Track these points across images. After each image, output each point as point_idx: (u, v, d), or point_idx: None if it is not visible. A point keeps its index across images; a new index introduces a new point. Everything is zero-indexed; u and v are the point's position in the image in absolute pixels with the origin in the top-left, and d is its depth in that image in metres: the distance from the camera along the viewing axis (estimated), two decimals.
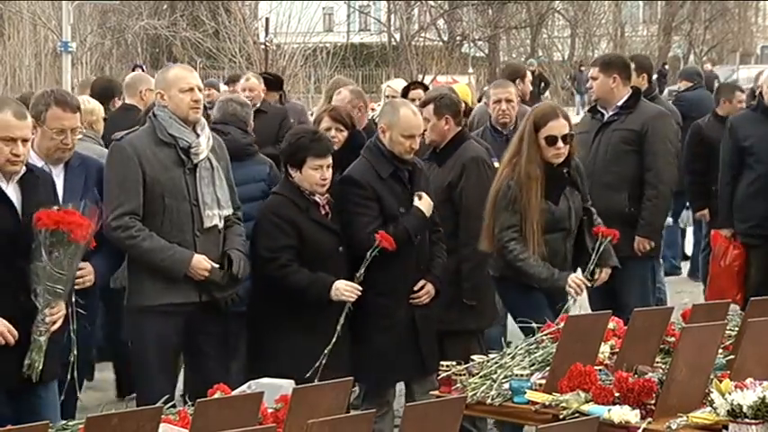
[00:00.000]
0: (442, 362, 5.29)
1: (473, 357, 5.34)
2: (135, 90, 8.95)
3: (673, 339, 5.31)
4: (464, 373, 5.15)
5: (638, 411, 4.62)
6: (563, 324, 5.31)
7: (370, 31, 45.49)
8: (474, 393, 4.98)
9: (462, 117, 7.18)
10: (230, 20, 31.44)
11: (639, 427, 4.55)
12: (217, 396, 4.51)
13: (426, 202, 6.60)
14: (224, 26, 31.33)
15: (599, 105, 7.93)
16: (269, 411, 4.45)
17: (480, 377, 5.12)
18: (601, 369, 5.05)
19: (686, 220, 11.79)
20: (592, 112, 8.02)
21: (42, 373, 5.30)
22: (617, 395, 4.73)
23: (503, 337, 7.45)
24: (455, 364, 5.20)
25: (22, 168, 5.30)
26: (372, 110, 8.90)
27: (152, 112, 6.34)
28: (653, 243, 7.75)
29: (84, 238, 5.31)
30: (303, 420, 3.86)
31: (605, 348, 5.27)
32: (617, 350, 5.24)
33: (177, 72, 6.36)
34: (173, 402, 4.80)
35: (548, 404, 4.82)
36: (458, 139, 7.06)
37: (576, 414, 4.65)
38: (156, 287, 6.16)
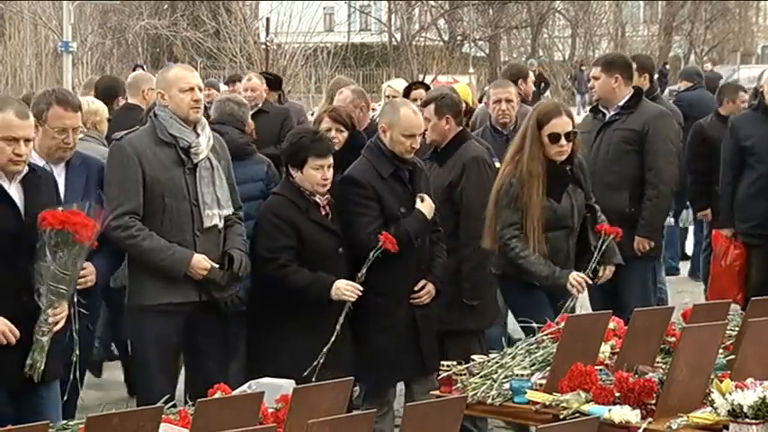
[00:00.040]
0: (442, 362, 5.29)
1: (473, 357, 5.33)
2: (137, 89, 8.95)
3: (673, 339, 5.31)
4: (464, 373, 5.15)
5: (638, 411, 4.61)
6: (563, 324, 5.30)
7: (370, 30, 45.50)
8: (474, 393, 4.98)
9: (463, 117, 7.18)
10: (231, 20, 31.44)
11: (640, 427, 4.55)
12: (217, 396, 4.50)
13: (428, 205, 6.60)
14: (224, 26, 31.33)
15: (600, 105, 7.93)
16: (269, 411, 4.44)
17: (481, 377, 5.12)
18: (601, 369, 5.04)
19: (687, 220, 11.78)
20: (593, 111, 8.02)
21: (44, 373, 5.29)
22: (617, 395, 4.73)
23: (503, 337, 7.45)
24: (455, 363, 5.20)
25: (25, 168, 5.28)
26: (373, 110, 8.89)
27: (153, 111, 6.35)
28: (653, 243, 7.75)
29: (89, 239, 5.31)
30: (303, 420, 3.86)
31: (606, 348, 5.27)
32: (617, 350, 5.24)
33: (177, 72, 6.36)
34: (173, 402, 4.79)
35: (548, 404, 4.81)
36: (458, 139, 7.05)
37: (577, 414, 4.65)
38: (156, 287, 6.16)
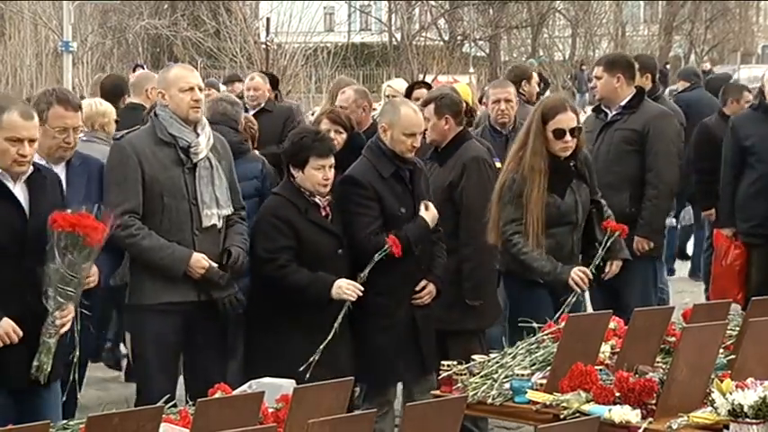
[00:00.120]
0: (442, 361, 5.29)
1: (474, 357, 5.34)
2: (141, 89, 8.96)
3: (673, 339, 5.30)
4: (465, 373, 5.15)
5: (638, 411, 4.61)
6: (564, 324, 5.31)
7: (371, 30, 45.46)
8: (475, 393, 4.98)
9: (464, 117, 7.17)
10: (231, 19, 31.40)
11: (640, 427, 4.55)
12: (218, 396, 4.50)
13: (431, 213, 6.59)
14: (225, 26, 31.30)
15: (603, 105, 7.92)
16: (269, 411, 4.44)
17: (481, 377, 5.12)
18: (601, 369, 5.04)
19: (687, 218, 11.76)
20: (596, 111, 8.01)
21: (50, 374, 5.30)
22: (618, 395, 4.73)
23: (504, 337, 7.45)
24: (456, 363, 5.20)
25: (30, 168, 5.28)
26: (373, 109, 8.89)
27: (153, 111, 6.35)
28: (652, 243, 7.74)
29: (99, 242, 5.30)
30: (304, 420, 3.86)
31: (606, 348, 5.27)
32: (618, 350, 5.24)
33: (177, 72, 6.37)
34: (174, 402, 4.79)
35: (548, 404, 4.81)
36: (459, 139, 7.05)
37: (577, 414, 4.65)
38: (156, 286, 6.17)
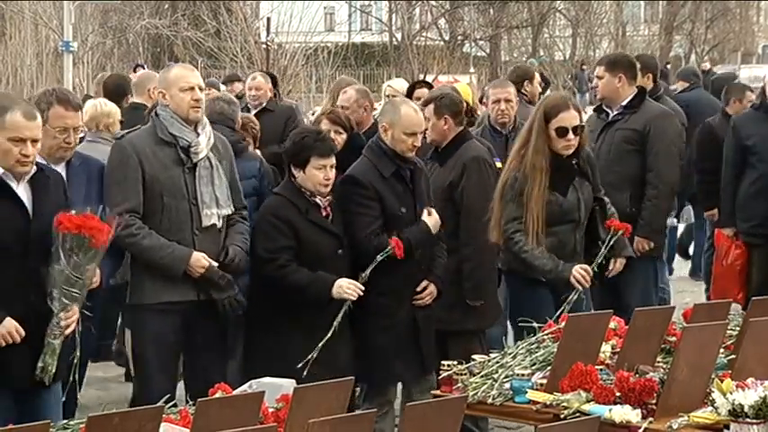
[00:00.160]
0: (443, 361, 5.29)
1: (474, 357, 5.34)
2: (143, 89, 8.97)
3: (674, 339, 5.30)
4: (465, 373, 5.15)
5: (639, 411, 4.61)
6: (564, 324, 5.31)
7: (371, 30, 45.43)
8: (475, 393, 4.98)
9: (464, 117, 7.17)
10: (231, 19, 31.37)
11: (640, 427, 4.55)
12: (218, 395, 4.50)
13: (434, 219, 6.58)
14: (225, 26, 31.27)
15: (604, 105, 7.91)
16: (270, 411, 4.44)
17: (481, 377, 5.12)
18: (602, 369, 5.04)
19: (686, 218, 11.75)
20: (597, 111, 8.00)
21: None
22: (618, 395, 4.73)
23: (504, 337, 7.45)
24: (456, 363, 5.20)
25: (33, 168, 5.28)
26: (373, 109, 8.89)
27: (154, 111, 6.36)
28: (652, 243, 7.74)
29: (104, 244, 5.31)
30: (304, 420, 3.86)
31: (606, 348, 5.27)
32: (618, 350, 5.24)
33: (178, 71, 6.38)
34: (174, 402, 4.79)
35: (549, 404, 4.81)
36: (459, 139, 7.05)
37: (577, 414, 4.65)
38: (155, 286, 6.18)
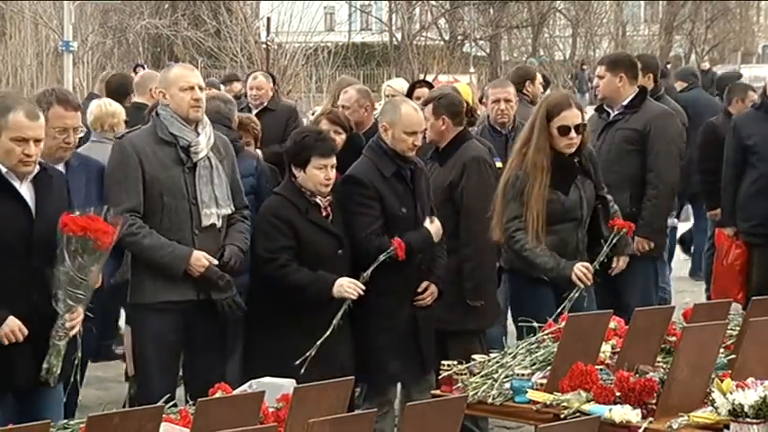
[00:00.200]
0: (443, 361, 5.29)
1: (474, 357, 5.34)
2: (145, 88, 8.98)
3: (674, 339, 5.30)
4: (465, 373, 5.15)
5: (639, 411, 4.61)
6: (564, 323, 5.31)
7: (371, 30, 45.40)
8: (475, 393, 4.98)
9: (463, 117, 7.16)
10: (231, 19, 31.36)
11: (641, 427, 4.55)
12: (218, 395, 4.50)
13: (435, 227, 6.58)
14: (225, 25, 31.26)
15: (605, 104, 7.90)
16: (270, 411, 4.44)
17: (481, 376, 5.12)
18: (602, 368, 5.04)
19: (684, 217, 11.75)
20: (598, 111, 7.98)
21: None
22: (618, 395, 4.73)
23: (504, 337, 7.44)
24: (456, 363, 5.20)
25: (36, 168, 5.29)
26: (374, 109, 8.89)
27: (155, 110, 6.37)
28: (652, 243, 7.73)
29: (109, 245, 5.31)
30: (304, 420, 3.86)
31: (606, 348, 5.27)
32: (618, 350, 5.24)
33: (178, 71, 6.39)
34: (174, 402, 4.79)
35: (549, 403, 4.81)
36: (459, 139, 7.05)
37: (577, 413, 4.65)
38: (155, 285, 6.19)
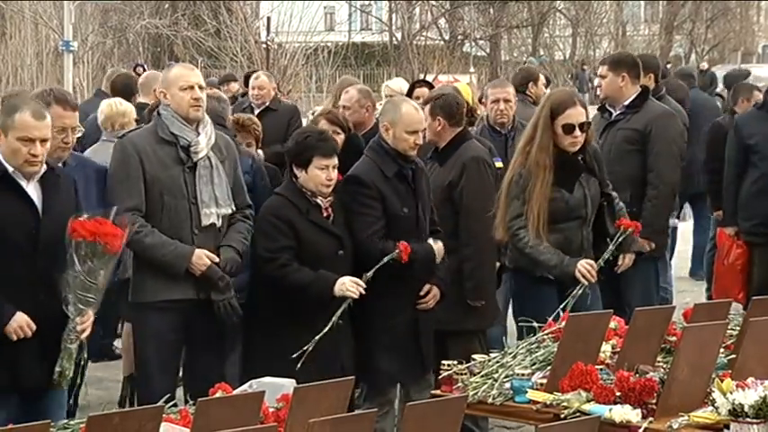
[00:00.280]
0: (443, 361, 5.28)
1: (474, 357, 5.34)
2: (149, 89, 8.99)
3: (674, 339, 5.31)
4: (465, 373, 5.15)
5: (639, 411, 4.61)
6: (564, 323, 5.31)
7: (371, 30, 45.41)
8: (475, 393, 4.98)
9: (462, 118, 7.14)
10: (231, 19, 31.38)
11: (641, 427, 4.55)
12: (218, 395, 4.50)
13: (439, 248, 6.58)
14: (225, 25, 31.28)
15: (607, 104, 7.90)
16: (270, 411, 4.44)
17: (481, 376, 5.12)
18: (602, 368, 5.04)
19: (685, 215, 11.75)
20: (601, 110, 7.97)
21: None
22: (618, 394, 4.73)
23: (504, 337, 7.44)
24: (456, 363, 5.20)
25: (42, 168, 5.31)
26: (375, 110, 8.90)
27: (157, 110, 6.38)
28: (653, 244, 7.73)
29: (119, 249, 5.33)
30: (304, 420, 3.86)
31: (606, 348, 5.27)
32: (618, 349, 5.24)
33: (177, 71, 6.40)
34: (174, 401, 4.79)
35: (549, 403, 4.81)
36: (459, 139, 7.04)
37: (578, 413, 4.65)
38: (156, 284, 6.19)
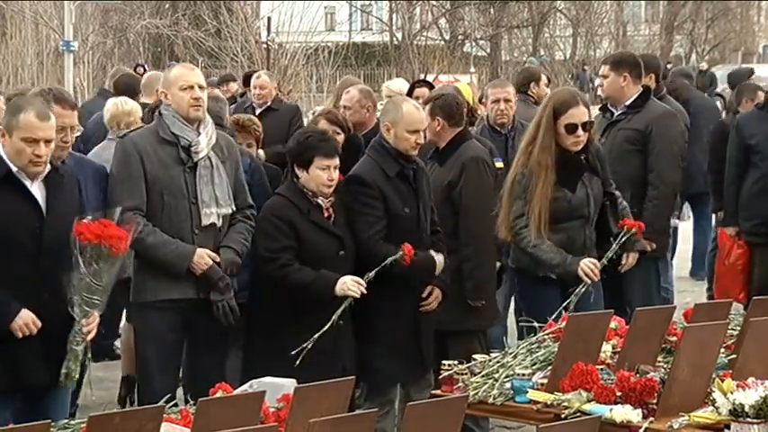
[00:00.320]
0: (443, 361, 5.29)
1: (475, 357, 5.34)
2: (152, 89, 8.99)
3: (674, 339, 5.31)
4: (466, 373, 5.15)
5: (639, 411, 4.61)
6: (565, 323, 5.31)
7: (371, 30, 45.42)
8: (476, 393, 4.98)
9: (461, 118, 7.14)
10: (232, 19, 31.37)
11: (641, 427, 4.55)
12: (219, 395, 4.50)
13: (440, 261, 6.59)
14: (226, 25, 31.26)
15: (609, 104, 7.90)
16: (270, 410, 4.44)
17: (482, 376, 5.12)
18: (602, 368, 5.04)
19: (684, 215, 11.74)
20: (603, 110, 7.96)
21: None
22: (619, 394, 4.73)
23: (504, 337, 7.44)
24: (457, 363, 5.20)
25: (47, 168, 5.32)
26: (376, 110, 8.91)
27: (158, 110, 6.38)
28: (654, 244, 7.72)
29: (124, 251, 5.34)
30: (305, 420, 3.86)
31: (607, 348, 5.27)
32: (619, 349, 5.24)
33: (178, 71, 6.41)
34: (175, 401, 4.79)
35: (549, 403, 4.81)
36: (459, 139, 7.05)
37: (578, 413, 4.65)
38: (157, 283, 6.20)
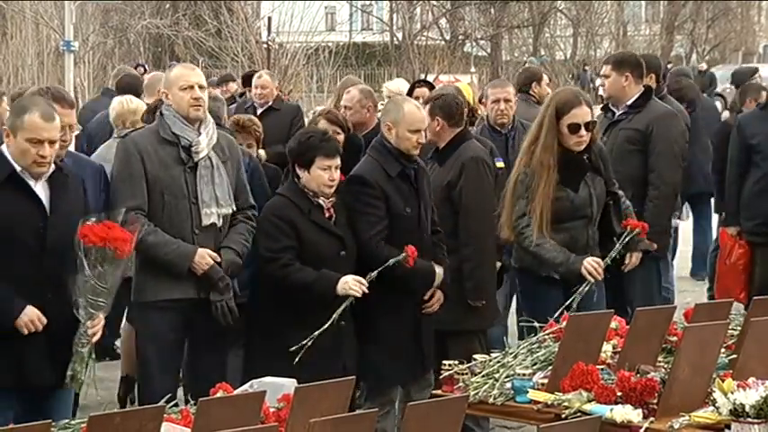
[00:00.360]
0: (444, 361, 5.29)
1: (475, 357, 5.34)
2: (153, 89, 9.00)
3: (675, 339, 5.31)
4: (466, 373, 5.15)
5: (640, 411, 4.61)
6: (565, 323, 5.31)
7: (372, 30, 45.41)
8: (476, 393, 4.98)
9: (461, 118, 7.14)
10: (232, 19, 31.36)
11: (642, 427, 4.55)
12: (219, 395, 4.50)
13: (441, 273, 6.60)
14: (226, 25, 31.25)
15: (610, 104, 7.90)
16: (271, 410, 4.44)
17: (482, 376, 5.12)
18: (603, 368, 5.04)
19: (684, 214, 11.74)
20: (604, 110, 7.97)
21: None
22: (619, 394, 4.73)
23: (504, 337, 7.45)
24: (457, 363, 5.20)
25: (51, 168, 5.32)
26: (376, 110, 8.91)
27: (159, 110, 6.38)
28: (655, 245, 7.72)
29: (129, 253, 5.35)
30: (305, 419, 3.86)
31: (607, 348, 5.27)
32: (619, 349, 5.24)
33: (178, 71, 6.42)
34: (175, 401, 4.79)
35: (550, 403, 4.82)
36: (459, 139, 7.05)
37: (579, 413, 4.65)
38: (158, 283, 6.20)
